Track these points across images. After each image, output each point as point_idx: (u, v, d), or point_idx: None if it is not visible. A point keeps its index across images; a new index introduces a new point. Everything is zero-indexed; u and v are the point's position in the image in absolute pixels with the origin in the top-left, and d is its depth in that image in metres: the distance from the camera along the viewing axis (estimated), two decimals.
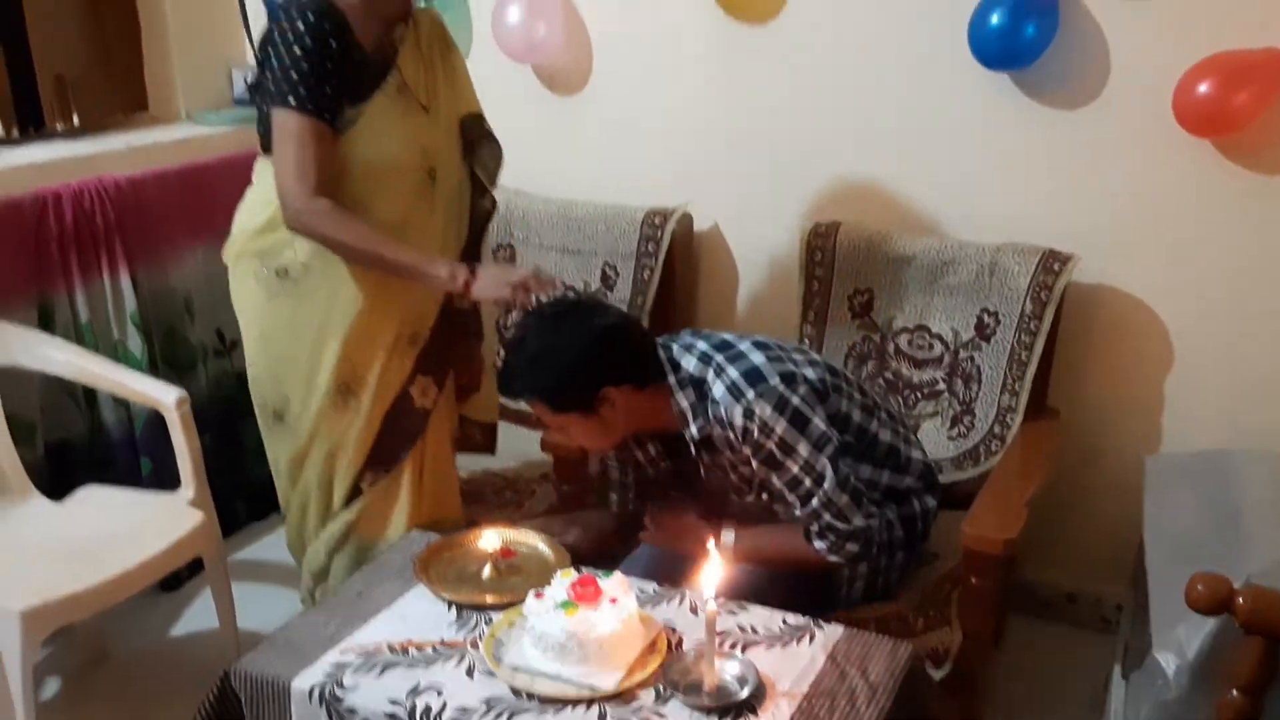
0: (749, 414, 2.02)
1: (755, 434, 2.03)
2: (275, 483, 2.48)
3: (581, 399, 2.05)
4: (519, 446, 2.85)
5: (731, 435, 2.05)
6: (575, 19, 3.08)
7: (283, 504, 2.49)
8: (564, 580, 1.81)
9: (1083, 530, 2.83)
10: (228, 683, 1.78)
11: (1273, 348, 2.57)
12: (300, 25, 2.03)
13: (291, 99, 2.04)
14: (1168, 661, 1.83)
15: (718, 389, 2.06)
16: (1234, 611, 1.62)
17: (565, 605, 1.75)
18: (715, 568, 1.68)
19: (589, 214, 3.02)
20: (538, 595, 1.78)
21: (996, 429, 2.55)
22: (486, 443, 2.69)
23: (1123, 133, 2.57)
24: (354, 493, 2.38)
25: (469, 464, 2.79)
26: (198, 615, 2.95)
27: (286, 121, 2.06)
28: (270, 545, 3.27)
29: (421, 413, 2.38)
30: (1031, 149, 2.67)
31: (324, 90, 2.06)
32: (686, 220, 3.03)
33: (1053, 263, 2.53)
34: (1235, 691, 1.66)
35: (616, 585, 1.80)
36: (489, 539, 2.07)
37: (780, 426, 2.02)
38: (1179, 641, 1.83)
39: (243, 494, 3.32)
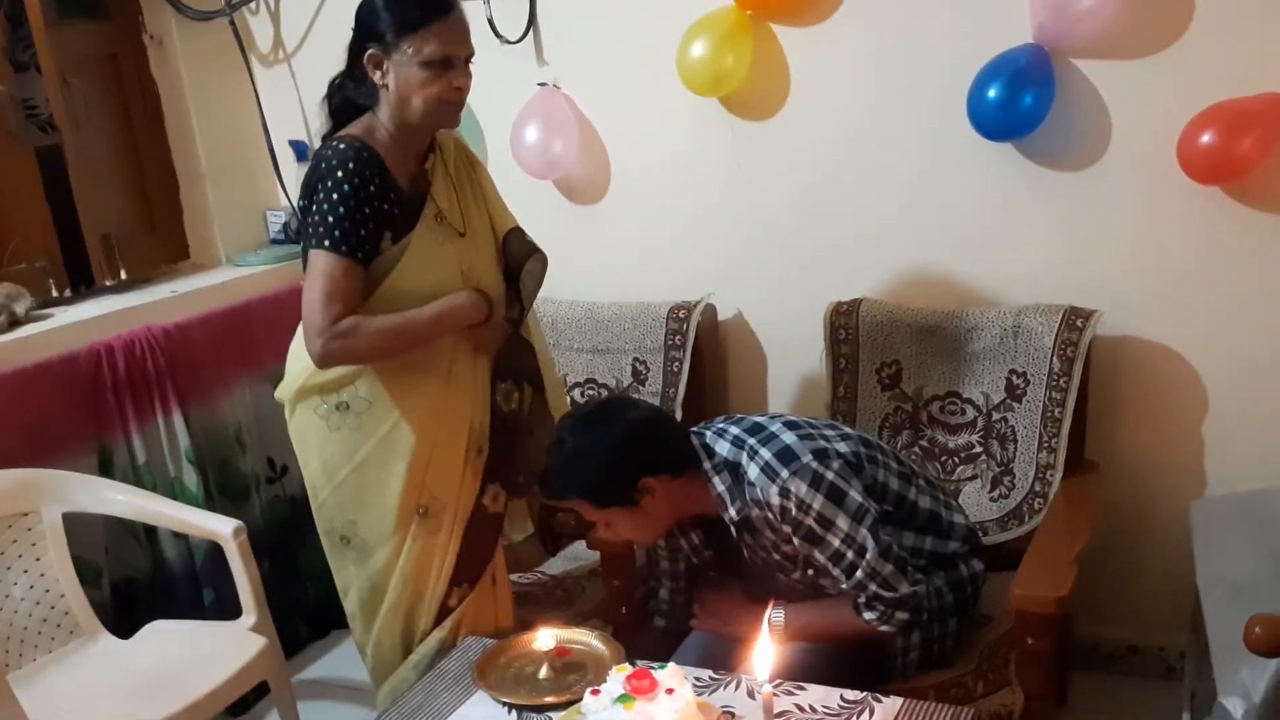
0: (785, 493, 2.02)
1: (793, 511, 2.02)
2: (349, 620, 2.42)
3: (622, 492, 2.05)
4: (565, 545, 2.86)
5: (770, 515, 2.05)
6: (591, 133, 3.14)
7: (359, 644, 2.44)
8: (619, 675, 1.79)
9: (1136, 581, 2.77)
10: None
11: None
12: (340, 173, 2.06)
13: (327, 241, 2.07)
14: (1235, 707, 1.78)
15: (752, 471, 2.06)
16: None
17: (623, 699, 1.73)
18: (767, 649, 1.66)
19: (615, 314, 3.04)
20: (594, 693, 1.77)
21: (1037, 487, 2.52)
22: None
23: (1131, 187, 2.58)
24: (440, 613, 2.34)
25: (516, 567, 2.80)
26: None
27: (318, 261, 2.08)
28: (332, 662, 3.27)
29: (496, 519, 2.38)
30: (1043, 212, 2.67)
31: (359, 233, 2.08)
32: (710, 311, 3.05)
33: (1075, 319, 2.52)
34: None
35: (672, 676, 1.78)
36: (544, 639, 2.06)
37: (817, 502, 2.01)
38: (1244, 685, 1.78)
39: (302, 615, 3.33)
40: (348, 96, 2.19)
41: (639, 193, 3.15)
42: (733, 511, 2.09)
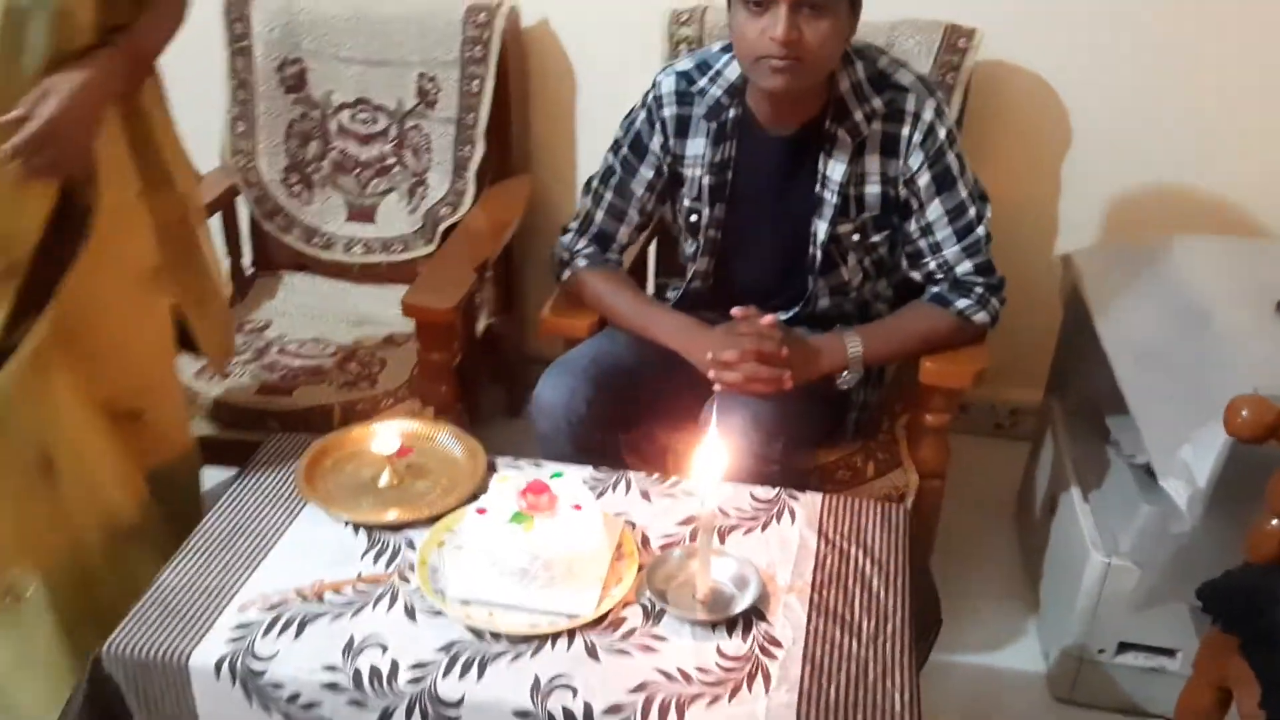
0: (940, 113, 1.89)
1: (941, 137, 1.89)
2: None
3: None
4: (336, 305, 2.57)
5: (910, 132, 1.89)
6: None
7: None
8: (503, 487, 1.58)
9: (1010, 335, 2.72)
10: (99, 669, 1.47)
11: (1177, 131, 2.53)
12: None
13: None
14: (1177, 491, 1.77)
15: (904, 76, 1.91)
16: None
17: (519, 518, 1.52)
18: (716, 448, 1.48)
19: (396, 14, 2.62)
20: (480, 511, 1.54)
21: None
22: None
23: None
24: None
25: (296, 331, 2.52)
26: None
27: None
28: None
29: None
30: None
31: None
32: (514, 17, 2.68)
33: (956, 39, 2.38)
34: (1277, 520, 1.60)
35: (573, 487, 1.58)
36: (382, 436, 1.79)
37: (959, 143, 1.92)
38: (1185, 467, 1.77)
39: None
40: None
41: None
42: (859, 114, 1.89)
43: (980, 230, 1.95)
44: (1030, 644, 2.27)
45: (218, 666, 1.43)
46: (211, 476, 2.59)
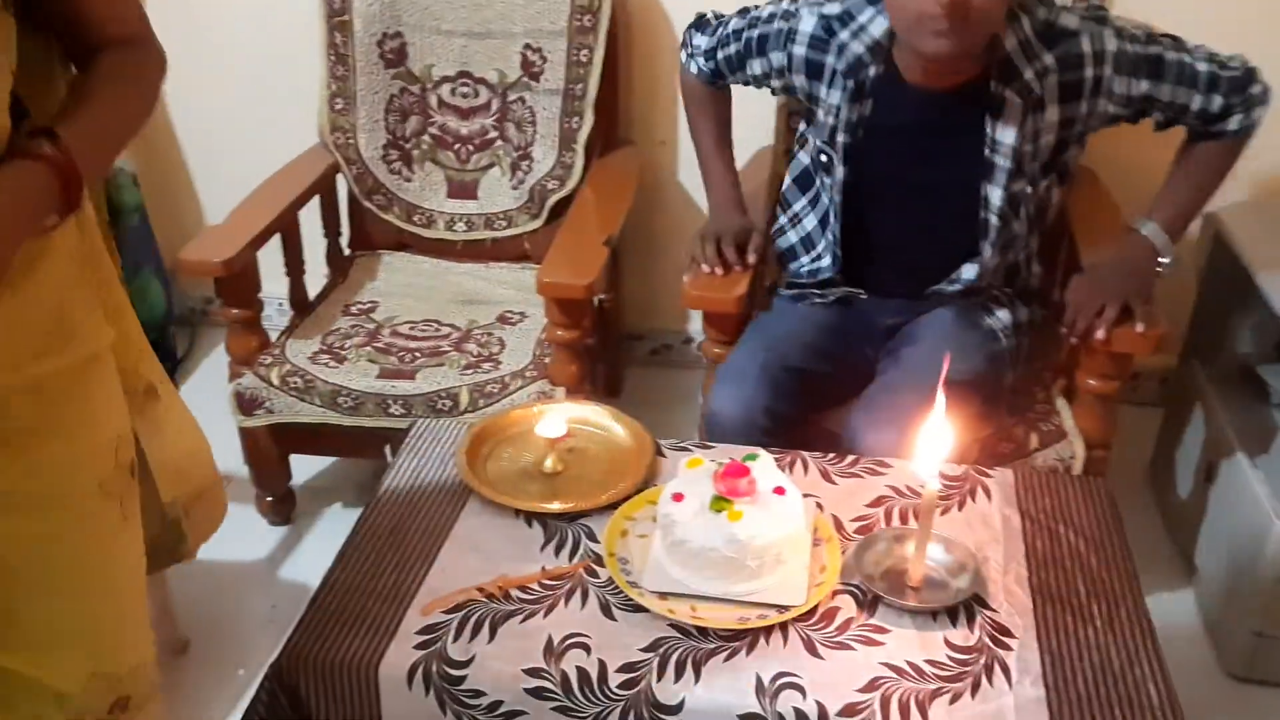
0: (1120, 33, 1.78)
1: (1136, 48, 1.78)
2: None
3: None
4: (440, 284, 2.46)
5: (1095, 71, 1.77)
6: None
7: None
8: (695, 472, 1.46)
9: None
10: (280, 679, 1.36)
11: None
12: None
13: None
14: None
15: (1069, 20, 1.77)
16: None
17: (720, 504, 1.40)
18: (941, 428, 1.36)
19: None
20: (676, 497, 1.43)
21: None
22: None
23: None
24: None
25: (406, 313, 2.41)
26: None
27: None
28: None
29: None
30: None
31: None
32: None
33: None
34: None
35: (770, 469, 1.46)
36: (548, 419, 1.66)
37: (1152, 34, 1.81)
38: None
39: None
40: None
41: None
42: (1030, 73, 1.76)
43: (1208, 69, 1.80)
44: (1190, 618, 2.15)
45: (410, 674, 1.32)
46: (315, 464, 2.52)
